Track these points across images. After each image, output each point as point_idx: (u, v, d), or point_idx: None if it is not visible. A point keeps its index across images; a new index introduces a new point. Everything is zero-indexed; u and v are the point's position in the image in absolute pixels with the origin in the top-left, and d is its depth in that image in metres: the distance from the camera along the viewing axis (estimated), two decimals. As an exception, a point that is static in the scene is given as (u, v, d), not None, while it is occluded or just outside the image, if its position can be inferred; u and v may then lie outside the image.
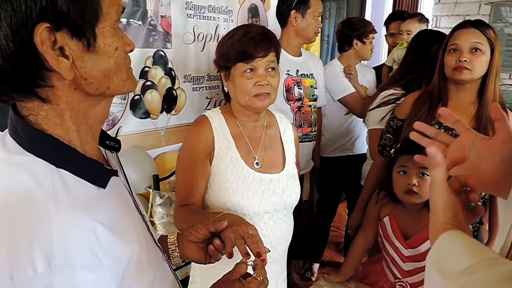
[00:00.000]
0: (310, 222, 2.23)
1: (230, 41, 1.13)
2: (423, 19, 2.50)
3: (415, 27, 2.41)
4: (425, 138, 0.73)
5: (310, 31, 2.01)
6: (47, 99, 0.53)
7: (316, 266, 2.78)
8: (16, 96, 0.53)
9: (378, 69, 2.68)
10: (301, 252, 2.16)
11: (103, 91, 0.56)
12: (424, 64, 1.75)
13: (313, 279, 2.70)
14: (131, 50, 0.60)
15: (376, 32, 2.43)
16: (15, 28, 0.46)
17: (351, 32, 2.37)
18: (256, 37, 1.11)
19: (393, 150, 1.42)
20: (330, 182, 2.55)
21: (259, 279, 0.73)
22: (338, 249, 3.05)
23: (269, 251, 0.82)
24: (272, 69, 1.14)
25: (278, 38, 1.22)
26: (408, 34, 2.45)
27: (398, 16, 2.72)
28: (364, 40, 2.37)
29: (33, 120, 0.54)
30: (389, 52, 2.88)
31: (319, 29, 2.07)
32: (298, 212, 1.29)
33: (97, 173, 0.57)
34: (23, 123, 0.53)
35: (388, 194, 1.43)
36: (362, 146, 2.46)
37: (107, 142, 0.68)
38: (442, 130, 1.46)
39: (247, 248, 0.79)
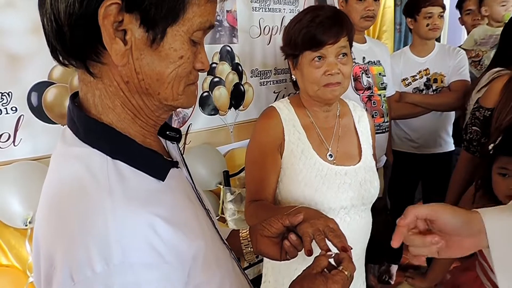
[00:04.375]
0: (385, 222, 2.07)
1: (298, 26, 1.06)
2: None
3: None
4: None
5: (354, 16, 1.84)
6: (97, 75, 0.51)
7: (394, 268, 2.59)
8: (68, 59, 0.51)
9: None
10: (377, 255, 2.00)
11: (152, 94, 0.52)
12: None
13: (392, 282, 2.52)
14: (203, 70, 0.56)
15: (436, 5, 2.10)
16: None
17: (404, 12, 2.19)
18: (325, 22, 1.02)
19: (491, 146, 1.22)
20: (404, 178, 2.34)
21: (345, 272, 0.62)
22: (418, 251, 2.82)
23: (352, 248, 0.72)
24: (343, 55, 1.05)
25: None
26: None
27: None
28: (416, 16, 2.11)
29: (91, 101, 0.53)
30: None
31: (370, 12, 1.84)
32: (372, 210, 1.18)
33: (155, 164, 0.54)
34: (79, 112, 0.52)
35: (486, 194, 1.24)
36: (443, 144, 2.22)
37: (167, 132, 0.65)
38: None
39: (329, 243, 0.70)
